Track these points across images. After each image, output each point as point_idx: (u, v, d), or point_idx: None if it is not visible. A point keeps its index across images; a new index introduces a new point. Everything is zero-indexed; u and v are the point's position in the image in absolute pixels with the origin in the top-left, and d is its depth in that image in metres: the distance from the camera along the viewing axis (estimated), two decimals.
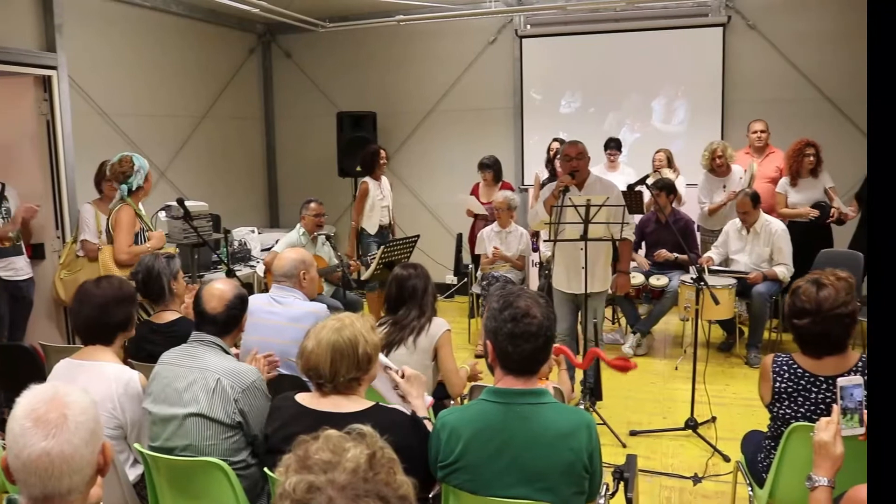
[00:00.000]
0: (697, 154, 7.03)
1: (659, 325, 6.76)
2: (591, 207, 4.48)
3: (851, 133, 7.50)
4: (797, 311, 2.67)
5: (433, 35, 8.83)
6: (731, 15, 7.89)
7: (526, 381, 2.24)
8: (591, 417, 2.28)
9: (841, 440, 2.14)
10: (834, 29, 7.58)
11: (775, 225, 6.09)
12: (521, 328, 2.18)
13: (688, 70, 8.05)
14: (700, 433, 4.71)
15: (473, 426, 2.21)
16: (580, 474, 2.17)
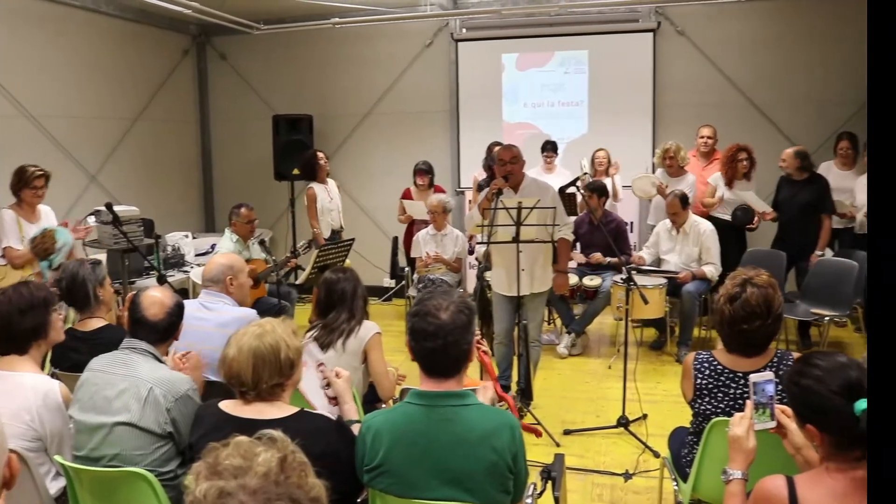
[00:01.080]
0: (631, 156, 7.18)
1: (593, 325, 6.87)
2: (522, 210, 4.53)
3: (775, 137, 7.78)
4: (747, 315, 2.69)
5: (369, 38, 8.83)
6: (660, 21, 8.07)
7: (446, 382, 2.24)
8: (515, 418, 2.29)
9: (754, 434, 2.20)
10: (758, 36, 7.86)
11: (703, 225, 6.26)
12: (420, 325, 2.21)
13: (620, 74, 8.20)
14: (632, 430, 4.80)
15: (397, 429, 2.22)
16: (504, 475, 2.18)
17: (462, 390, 2.25)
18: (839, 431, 1.86)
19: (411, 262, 7.21)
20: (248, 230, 6.10)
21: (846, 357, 1.97)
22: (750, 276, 2.77)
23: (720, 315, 2.77)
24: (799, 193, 6.39)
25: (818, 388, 1.90)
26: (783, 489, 1.88)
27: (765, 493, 1.91)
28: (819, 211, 6.33)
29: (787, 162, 6.40)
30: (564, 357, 6.44)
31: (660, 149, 7.01)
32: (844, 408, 1.85)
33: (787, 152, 6.44)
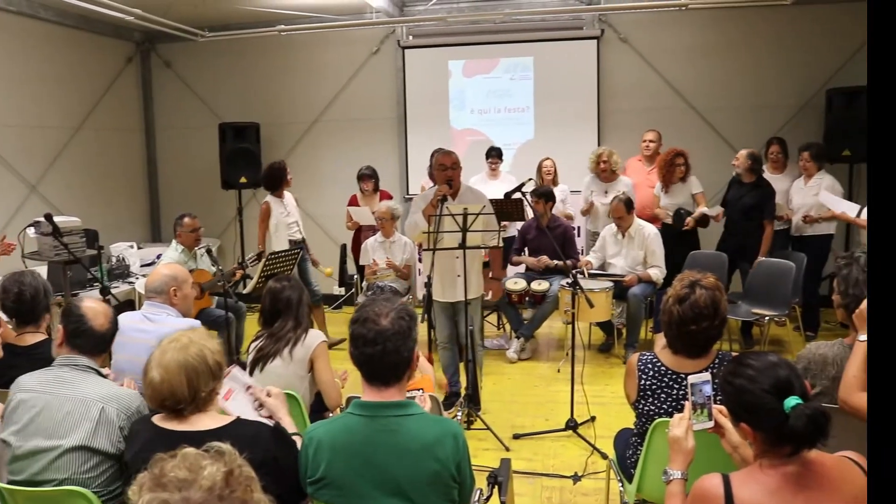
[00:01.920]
0: (576, 162, 7.29)
1: (543, 329, 6.94)
2: (468, 216, 4.56)
3: (715, 141, 7.98)
4: (696, 316, 2.73)
5: (316, 45, 8.80)
6: (604, 28, 8.20)
7: (387, 391, 2.23)
8: (459, 427, 2.28)
9: (692, 435, 2.26)
10: (698, 44, 8.07)
11: (648, 229, 6.37)
12: (359, 331, 2.20)
13: (565, 80, 8.31)
14: (580, 433, 4.85)
15: (339, 441, 2.20)
16: (448, 484, 2.18)
17: (404, 400, 2.24)
18: (770, 429, 1.91)
19: (360, 270, 7.18)
20: (192, 239, 6.02)
21: (777, 357, 2.02)
22: (697, 279, 2.82)
23: (668, 316, 2.80)
24: (745, 196, 6.54)
25: (750, 387, 1.96)
26: (719, 487, 1.92)
27: (702, 491, 1.95)
28: (762, 216, 6.49)
29: (740, 161, 6.54)
30: (514, 362, 6.49)
31: (593, 155, 7.09)
32: (775, 405, 1.90)
33: (741, 153, 6.58)
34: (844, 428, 2.66)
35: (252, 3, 7.61)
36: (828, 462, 1.95)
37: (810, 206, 6.63)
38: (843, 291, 2.87)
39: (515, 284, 6.40)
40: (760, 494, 1.89)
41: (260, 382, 3.42)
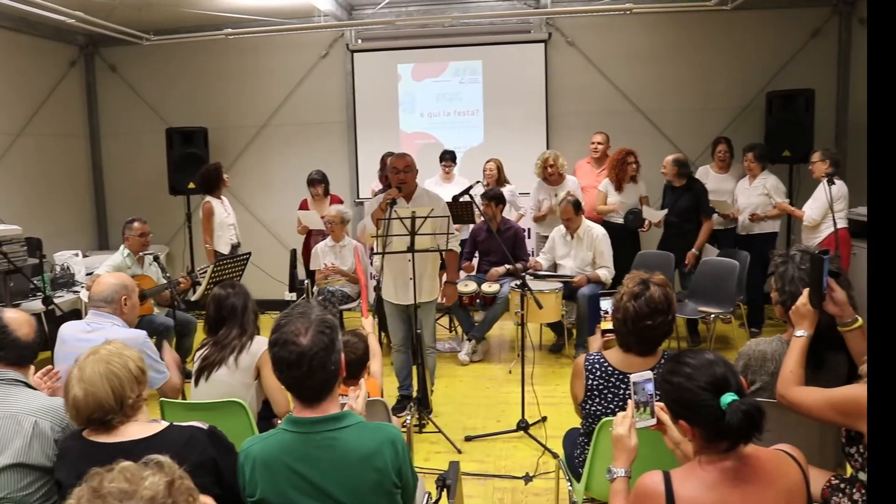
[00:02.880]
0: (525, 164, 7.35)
1: (495, 331, 6.98)
2: (416, 219, 4.57)
3: (661, 143, 8.12)
4: (651, 311, 2.78)
5: (264, 49, 8.71)
6: (551, 32, 8.28)
7: (321, 406, 2.19)
8: (397, 431, 2.26)
9: (635, 433, 2.29)
10: (643, 47, 8.20)
11: (596, 230, 6.45)
12: (281, 355, 2.13)
13: (514, 83, 8.37)
14: (531, 433, 4.89)
15: (274, 460, 2.15)
16: (390, 491, 2.17)
17: (338, 413, 2.19)
18: (707, 425, 1.95)
19: (311, 275, 7.13)
20: (140, 244, 5.90)
21: (713, 354, 2.07)
22: (648, 277, 2.88)
23: (623, 313, 2.83)
24: (679, 199, 6.68)
25: (688, 384, 2.00)
26: (660, 484, 1.96)
27: (643, 489, 1.99)
28: (698, 215, 6.63)
29: (667, 169, 6.70)
30: (466, 364, 6.51)
31: (539, 160, 7.15)
32: (712, 402, 1.94)
33: (666, 160, 6.73)
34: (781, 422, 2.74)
35: (197, 7, 7.51)
36: (763, 456, 2.00)
37: (756, 206, 6.80)
38: (780, 289, 2.94)
39: (466, 287, 6.42)
40: (699, 490, 1.93)
41: (206, 392, 3.40)
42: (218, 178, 6.99)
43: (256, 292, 6.92)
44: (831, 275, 2.72)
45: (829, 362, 2.87)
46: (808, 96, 7.43)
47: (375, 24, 8.45)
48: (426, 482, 3.19)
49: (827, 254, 2.70)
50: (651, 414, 2.30)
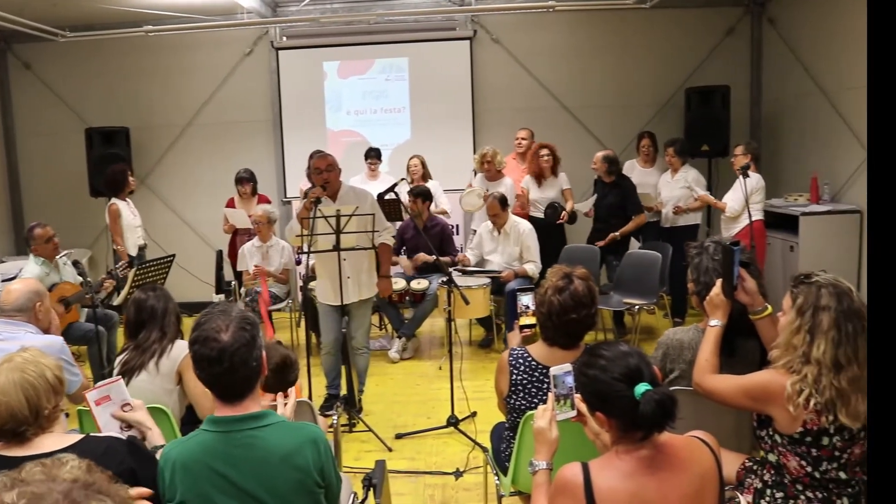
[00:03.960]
0: (453, 161, 7.38)
1: (425, 328, 6.99)
2: (341, 218, 4.54)
3: (586, 138, 8.27)
4: (576, 304, 2.82)
5: (187, 46, 8.54)
6: (476, 29, 8.34)
7: (242, 404, 2.16)
8: (319, 430, 2.24)
9: (556, 425, 2.32)
10: (566, 44, 8.35)
11: (523, 225, 6.52)
12: (202, 352, 2.11)
13: (440, 80, 8.41)
14: (461, 429, 4.91)
15: (195, 461, 2.11)
16: (312, 491, 2.15)
17: (260, 411, 2.17)
18: (622, 415, 1.99)
19: (238, 276, 7.03)
20: (51, 250, 5.65)
21: (627, 346, 2.11)
22: (570, 270, 2.92)
23: (549, 307, 2.85)
24: (607, 196, 6.81)
25: (602, 376, 2.03)
26: (578, 475, 1.99)
27: (563, 480, 2.01)
28: (627, 212, 6.78)
29: (597, 165, 6.82)
30: (396, 361, 6.50)
31: (478, 154, 7.23)
32: (626, 392, 1.98)
33: (597, 157, 6.85)
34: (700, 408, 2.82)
35: (115, 3, 7.28)
36: (678, 443, 2.06)
37: (678, 198, 6.98)
38: (695, 279, 3.01)
39: (395, 284, 6.40)
40: (616, 479, 1.97)
41: None
42: (124, 181, 6.93)
43: (182, 295, 6.88)
44: (742, 265, 2.81)
45: (742, 350, 2.96)
46: (724, 92, 7.67)
47: (300, 21, 8.36)
48: (356, 482, 3.18)
49: (738, 245, 2.79)
50: (571, 406, 2.33)
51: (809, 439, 2.40)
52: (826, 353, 2.35)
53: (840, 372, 2.34)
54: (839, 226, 6.60)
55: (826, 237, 6.58)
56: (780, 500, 2.47)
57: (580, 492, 1.96)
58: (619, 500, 1.95)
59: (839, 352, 2.35)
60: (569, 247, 6.85)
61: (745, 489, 2.59)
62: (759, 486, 2.55)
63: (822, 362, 2.35)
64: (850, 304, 2.39)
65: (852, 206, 6.67)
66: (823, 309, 2.39)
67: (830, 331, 2.36)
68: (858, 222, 6.58)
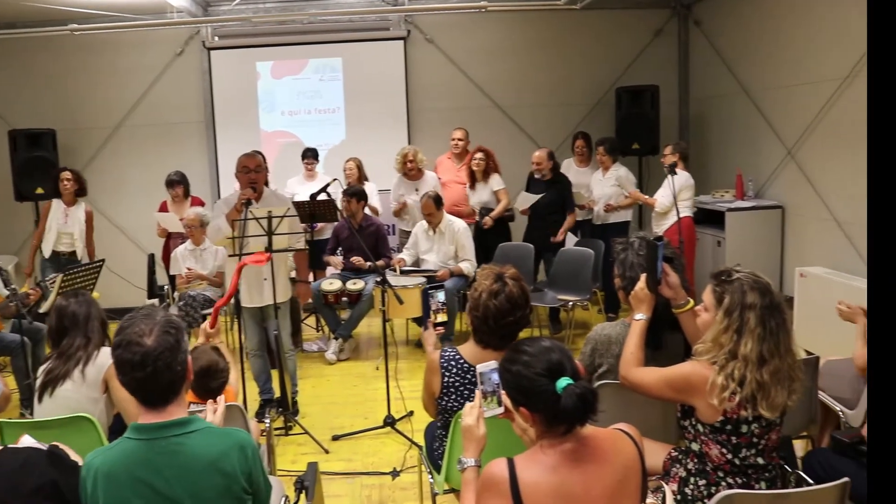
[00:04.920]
0: (388, 161, 7.39)
1: (362, 328, 6.97)
2: (273, 219, 4.51)
3: (520, 137, 8.37)
4: (512, 307, 2.82)
5: (116, 46, 8.33)
6: (410, 29, 8.35)
7: (167, 409, 2.13)
8: (246, 435, 2.21)
9: (484, 422, 2.34)
10: (500, 45, 8.43)
11: (457, 224, 6.56)
12: (125, 357, 2.07)
13: (374, 81, 8.39)
14: (398, 428, 4.92)
15: (118, 470, 2.07)
16: (240, 497, 2.13)
17: (185, 417, 2.14)
18: (546, 410, 2.02)
19: (171, 280, 6.90)
20: None
21: (550, 341, 2.15)
22: (501, 272, 2.93)
23: (485, 311, 2.84)
24: (546, 193, 6.88)
25: (525, 371, 2.06)
26: (504, 471, 2.01)
27: (489, 476, 2.04)
28: (563, 209, 6.88)
29: (542, 164, 6.88)
30: (333, 363, 6.47)
31: (399, 156, 7.20)
32: (548, 387, 2.01)
33: (540, 155, 6.91)
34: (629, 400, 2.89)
35: (39, 0, 7.08)
36: (601, 436, 2.10)
37: (609, 196, 7.10)
38: (621, 274, 3.08)
39: (331, 285, 6.38)
40: (541, 473, 2.00)
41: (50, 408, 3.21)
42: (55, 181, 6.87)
43: (115, 300, 6.78)
44: (666, 260, 2.88)
45: (668, 342, 3.04)
46: (654, 92, 7.85)
47: (231, 20, 8.24)
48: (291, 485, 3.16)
49: (661, 240, 2.85)
50: (498, 402, 2.35)
51: (730, 427, 2.48)
52: (752, 350, 2.43)
53: (763, 366, 2.43)
54: (763, 220, 6.82)
55: (751, 232, 6.80)
56: (703, 487, 2.55)
57: (506, 487, 1.98)
58: (544, 493, 1.98)
59: (763, 347, 2.43)
60: (503, 245, 6.92)
61: (670, 478, 2.66)
62: (684, 474, 2.62)
63: (749, 358, 2.42)
64: (772, 300, 2.48)
65: (774, 201, 6.90)
66: (750, 307, 2.46)
67: (757, 328, 2.44)
68: (781, 217, 6.81)
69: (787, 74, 6.63)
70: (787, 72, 6.62)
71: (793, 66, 6.53)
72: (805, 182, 6.43)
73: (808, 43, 6.28)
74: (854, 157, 5.72)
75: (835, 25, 5.88)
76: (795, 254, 6.64)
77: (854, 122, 5.70)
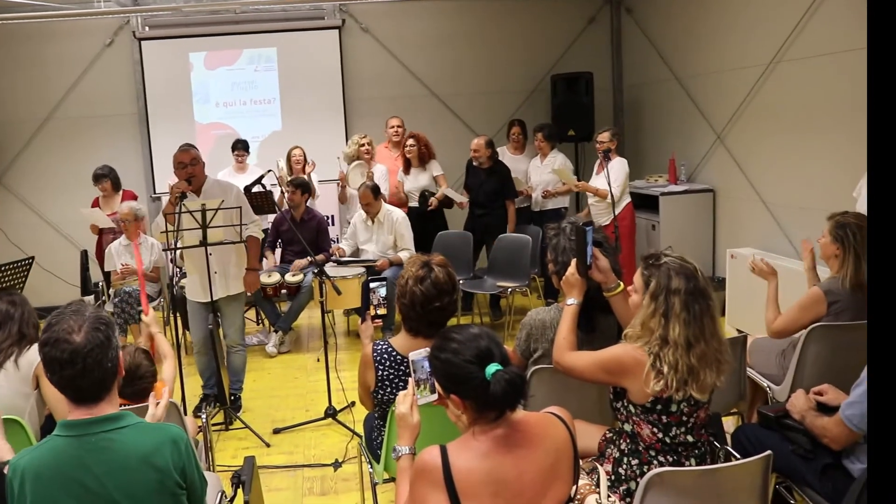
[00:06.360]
0: (324, 151, 7.34)
1: (303, 320, 6.94)
2: (207, 212, 4.45)
3: (457, 125, 8.42)
4: (439, 293, 2.84)
5: (42, 36, 8.08)
6: (345, 18, 8.32)
7: (98, 406, 2.08)
8: (179, 430, 2.18)
9: (418, 410, 2.36)
10: (435, 33, 8.45)
11: (396, 213, 6.56)
12: (53, 354, 2.02)
13: (310, 71, 8.34)
14: (339, 419, 4.92)
15: (46, 469, 2.02)
16: (174, 492, 2.10)
17: (116, 412, 2.10)
18: (476, 396, 2.05)
19: (106, 276, 6.75)
20: None
21: (478, 328, 2.17)
22: (428, 259, 2.95)
23: (411, 297, 2.86)
24: (486, 181, 6.92)
25: (455, 359, 2.08)
26: (437, 458, 2.03)
27: (422, 464, 2.06)
28: (504, 197, 6.92)
29: (480, 152, 6.90)
30: (274, 356, 6.42)
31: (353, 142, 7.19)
32: (478, 374, 2.04)
33: (478, 142, 6.93)
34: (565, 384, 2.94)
35: None
36: (532, 420, 2.14)
37: (547, 182, 7.17)
38: (553, 259, 3.13)
39: (270, 277, 6.33)
40: (473, 460, 2.03)
41: None
42: None
43: (47, 297, 6.61)
44: (596, 244, 2.93)
45: (600, 325, 3.10)
46: (588, 79, 7.95)
47: (162, 10, 8.07)
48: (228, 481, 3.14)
49: (590, 225, 2.90)
50: (432, 390, 2.37)
51: (660, 407, 2.54)
52: (680, 335, 2.49)
53: (690, 350, 2.49)
54: (695, 204, 6.98)
55: (684, 215, 6.96)
56: (636, 467, 2.61)
57: (438, 474, 2.00)
58: (476, 479, 2.00)
59: (689, 331, 2.49)
60: (442, 233, 6.94)
61: (605, 459, 2.72)
62: (617, 455, 2.68)
63: (678, 342, 2.48)
64: (696, 285, 2.53)
65: (706, 185, 7.07)
66: (674, 292, 2.51)
67: (682, 313, 2.50)
68: (712, 200, 6.98)
69: (716, 60, 6.78)
70: (716, 58, 6.78)
71: (720, 52, 6.69)
72: (734, 166, 6.60)
73: (735, 29, 6.43)
74: (780, 141, 5.89)
75: (761, 11, 6.03)
76: (726, 236, 6.82)
77: (779, 107, 5.87)
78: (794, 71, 5.68)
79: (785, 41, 5.66)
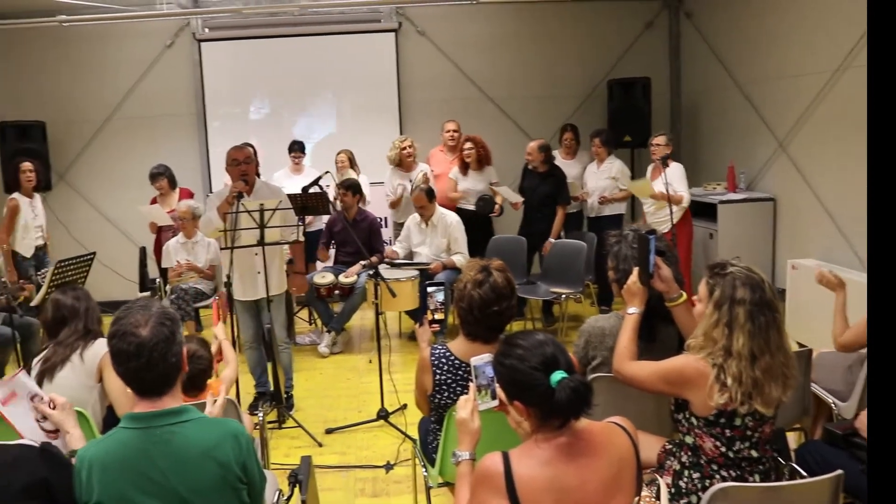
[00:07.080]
0: (378, 153, 7.37)
1: (355, 321, 6.96)
2: (265, 212, 4.49)
3: (512, 129, 8.38)
4: (497, 297, 2.82)
5: (105, 38, 8.27)
6: (401, 21, 8.34)
7: (161, 400, 2.13)
8: (239, 425, 2.22)
9: (478, 415, 2.34)
10: (492, 36, 8.44)
11: (450, 217, 6.55)
12: (120, 347, 2.08)
13: (366, 73, 8.39)
14: (391, 422, 4.92)
15: (112, 459, 2.07)
16: (235, 486, 2.13)
17: (180, 406, 2.14)
18: (540, 403, 2.02)
19: (163, 273, 6.88)
20: None
21: (544, 335, 2.14)
22: (487, 263, 2.93)
23: (469, 301, 2.84)
24: (540, 185, 6.88)
25: (520, 365, 2.06)
26: (499, 465, 2.01)
27: (484, 470, 2.04)
28: (556, 202, 6.86)
29: (533, 156, 6.86)
30: (326, 356, 6.46)
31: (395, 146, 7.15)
32: (543, 381, 2.01)
33: (531, 147, 6.90)
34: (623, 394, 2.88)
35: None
36: (595, 429, 2.10)
37: (604, 189, 7.09)
38: (614, 267, 3.08)
39: (323, 278, 6.37)
40: (535, 467, 2.00)
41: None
42: (15, 174, 6.82)
43: (106, 293, 6.74)
44: (658, 253, 2.87)
45: (661, 335, 3.03)
46: (645, 84, 7.86)
47: (222, 12, 8.20)
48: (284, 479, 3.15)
49: (654, 233, 2.85)
50: (493, 396, 2.35)
51: (723, 420, 2.48)
52: (744, 346, 2.42)
53: (755, 362, 2.42)
54: (755, 212, 6.84)
55: (742, 224, 6.81)
56: (697, 480, 2.55)
57: (500, 481, 1.98)
58: (538, 487, 1.98)
59: (753, 343, 2.43)
60: (496, 238, 6.92)
61: (664, 471, 2.66)
62: (678, 467, 2.62)
63: (742, 354, 2.42)
64: (762, 296, 2.46)
65: (766, 193, 6.91)
66: (739, 302, 2.45)
67: (746, 323, 2.43)
68: (772, 209, 6.83)
69: (778, 66, 6.63)
70: (778, 64, 6.63)
71: (783, 58, 6.54)
72: (797, 174, 6.44)
73: (799, 34, 6.28)
74: (845, 149, 5.73)
75: (825, 16, 5.88)
76: (787, 246, 6.66)
77: (845, 114, 5.71)
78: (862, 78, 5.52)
79: (853, 47, 5.50)
